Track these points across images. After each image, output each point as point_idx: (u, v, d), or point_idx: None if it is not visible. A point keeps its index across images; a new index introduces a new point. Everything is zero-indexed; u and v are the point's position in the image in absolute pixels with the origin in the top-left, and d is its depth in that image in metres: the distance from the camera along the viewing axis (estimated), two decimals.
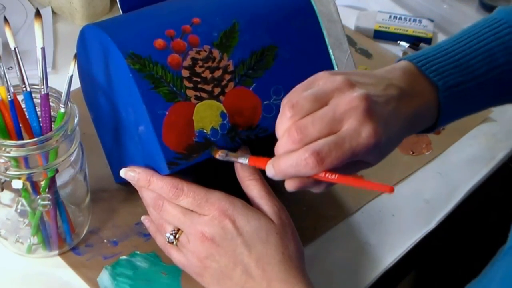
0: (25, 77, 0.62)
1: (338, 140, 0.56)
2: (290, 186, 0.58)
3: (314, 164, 0.55)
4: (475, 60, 0.66)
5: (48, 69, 0.79)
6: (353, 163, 0.58)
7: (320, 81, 0.60)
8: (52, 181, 0.64)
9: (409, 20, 1.04)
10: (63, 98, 0.62)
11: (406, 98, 0.61)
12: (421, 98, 0.63)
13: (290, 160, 0.56)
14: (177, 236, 0.63)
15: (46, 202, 0.65)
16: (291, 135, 0.56)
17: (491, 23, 0.68)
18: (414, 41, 1.01)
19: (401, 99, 0.61)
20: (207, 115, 0.63)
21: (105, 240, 0.72)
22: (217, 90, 0.63)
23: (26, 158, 0.61)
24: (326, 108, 0.57)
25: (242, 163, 0.62)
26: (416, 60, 0.65)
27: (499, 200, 0.97)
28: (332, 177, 0.55)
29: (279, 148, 0.58)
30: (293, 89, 0.60)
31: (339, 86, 0.58)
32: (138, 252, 0.71)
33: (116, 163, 0.72)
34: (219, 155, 0.62)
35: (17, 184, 0.63)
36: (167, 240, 0.64)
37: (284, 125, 0.58)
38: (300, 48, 0.68)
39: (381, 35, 1.03)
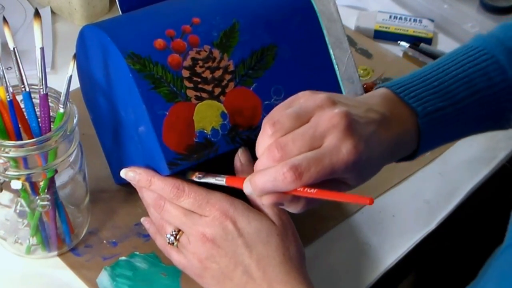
0: (24, 77, 0.61)
1: (317, 155, 0.55)
2: (266, 200, 0.57)
3: (292, 179, 0.54)
4: (454, 86, 0.66)
5: (47, 69, 0.79)
6: (331, 183, 0.57)
7: (302, 99, 0.59)
8: (51, 182, 0.64)
9: (410, 20, 1.04)
10: (62, 98, 0.61)
11: (387, 124, 0.61)
12: (401, 124, 0.63)
13: (268, 176, 0.55)
14: (177, 237, 0.63)
15: (45, 203, 0.65)
16: (271, 153, 0.56)
17: (468, 50, 0.69)
18: (415, 41, 1.01)
19: (382, 124, 0.60)
20: (207, 115, 0.62)
21: (104, 241, 0.71)
22: (217, 90, 0.63)
23: (25, 159, 0.61)
24: (306, 125, 0.57)
25: (220, 184, 0.61)
26: (394, 87, 0.65)
27: (499, 200, 0.97)
28: (311, 191, 0.55)
29: (258, 166, 0.57)
30: (274, 108, 0.60)
31: (320, 104, 0.58)
32: (137, 253, 0.70)
33: (116, 163, 0.72)
34: (196, 176, 0.62)
35: (16, 184, 0.63)
36: (168, 241, 0.63)
37: (264, 143, 0.57)
38: (300, 47, 0.68)
39: (381, 35, 1.02)
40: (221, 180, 0.61)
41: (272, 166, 0.55)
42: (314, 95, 0.59)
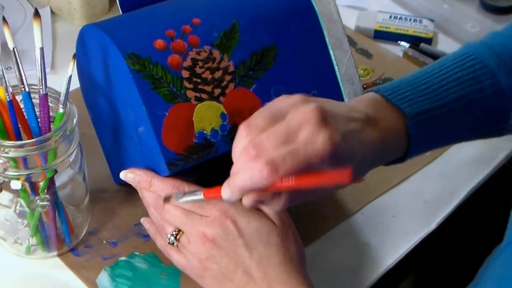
0: (23, 77, 0.61)
1: (292, 149, 0.54)
2: (247, 201, 0.56)
3: (269, 174, 0.53)
4: (442, 89, 0.65)
5: (47, 69, 0.78)
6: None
7: (277, 102, 0.59)
8: (51, 182, 0.64)
9: (410, 20, 1.04)
10: (62, 98, 0.61)
11: (372, 124, 0.60)
12: (388, 126, 0.62)
13: (244, 175, 0.54)
14: (177, 237, 0.63)
15: (45, 203, 0.65)
16: (247, 153, 0.55)
17: (457, 56, 0.68)
18: (415, 41, 1.01)
19: (366, 124, 0.60)
20: (207, 116, 0.62)
21: (104, 241, 0.71)
22: (217, 91, 0.63)
23: (25, 159, 0.61)
24: (280, 123, 0.56)
25: (198, 199, 0.60)
26: (381, 90, 0.64)
27: (500, 200, 0.97)
28: (289, 182, 0.53)
29: (235, 169, 0.56)
30: (252, 115, 0.58)
31: (295, 103, 0.57)
32: (137, 253, 0.70)
33: (116, 163, 0.72)
34: (174, 198, 0.61)
35: (16, 184, 0.63)
36: (168, 241, 0.63)
37: (240, 145, 0.56)
38: (300, 48, 0.67)
39: (381, 35, 1.02)
40: (199, 195, 0.60)
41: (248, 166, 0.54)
42: (289, 97, 0.58)
